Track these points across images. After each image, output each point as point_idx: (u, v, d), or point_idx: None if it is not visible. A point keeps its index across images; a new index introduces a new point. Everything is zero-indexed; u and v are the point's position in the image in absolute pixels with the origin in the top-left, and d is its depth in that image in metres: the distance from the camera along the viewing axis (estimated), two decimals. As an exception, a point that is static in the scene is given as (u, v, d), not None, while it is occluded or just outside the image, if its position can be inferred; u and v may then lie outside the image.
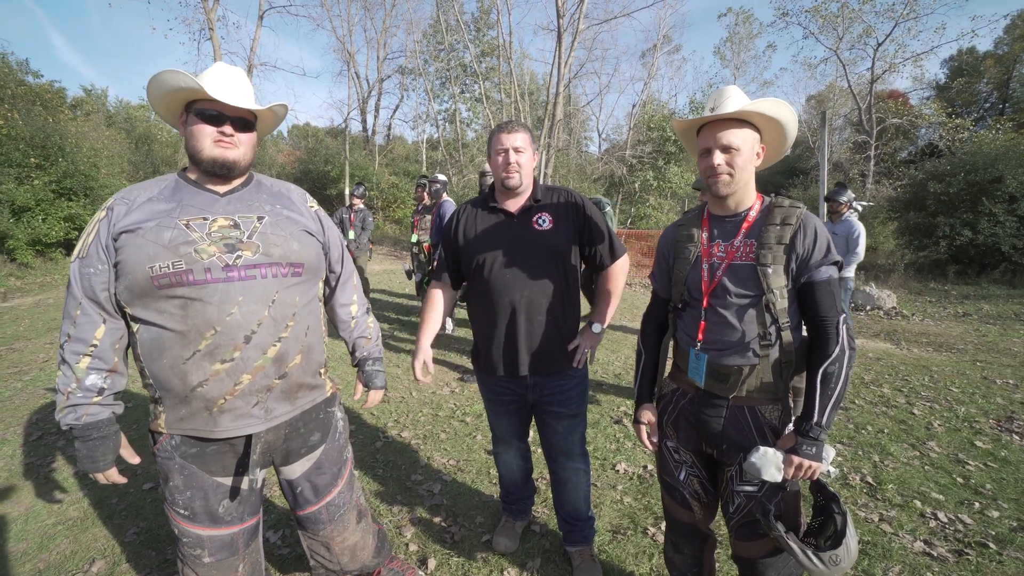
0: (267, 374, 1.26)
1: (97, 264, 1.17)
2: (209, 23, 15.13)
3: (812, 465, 1.19)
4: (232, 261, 1.19)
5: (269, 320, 1.24)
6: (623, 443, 3.07)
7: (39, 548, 2.11)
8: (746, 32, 26.25)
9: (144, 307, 1.17)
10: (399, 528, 2.25)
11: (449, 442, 3.10)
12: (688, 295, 1.37)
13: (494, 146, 1.69)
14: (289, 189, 1.45)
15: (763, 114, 1.24)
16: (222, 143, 1.23)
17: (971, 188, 10.54)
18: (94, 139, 12.50)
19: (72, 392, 1.17)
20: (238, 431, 1.24)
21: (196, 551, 1.30)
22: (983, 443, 3.06)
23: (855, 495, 2.50)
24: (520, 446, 2.00)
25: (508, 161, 1.65)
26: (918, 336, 6.15)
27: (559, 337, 1.73)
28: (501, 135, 1.67)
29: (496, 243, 1.72)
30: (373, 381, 1.64)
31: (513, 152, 1.65)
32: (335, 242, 1.52)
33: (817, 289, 1.21)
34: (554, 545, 2.10)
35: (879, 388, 4.15)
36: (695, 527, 1.48)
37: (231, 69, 1.28)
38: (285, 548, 2.10)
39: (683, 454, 1.44)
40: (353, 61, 21.92)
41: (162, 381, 1.20)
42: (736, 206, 1.31)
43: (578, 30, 15.51)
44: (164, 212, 1.19)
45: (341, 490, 1.54)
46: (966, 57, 25.15)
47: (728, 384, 1.29)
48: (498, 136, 1.68)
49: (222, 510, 1.30)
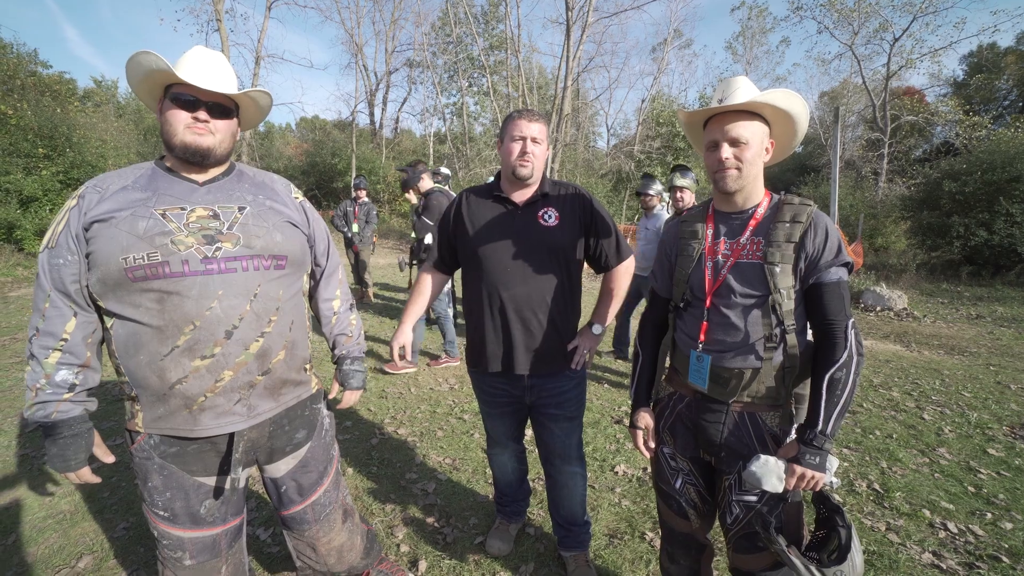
0: (249, 370, 1.21)
1: (67, 255, 1.12)
2: (217, 14, 15.17)
3: (815, 476, 1.13)
4: (211, 253, 1.15)
5: (251, 315, 1.19)
6: (623, 444, 3.01)
7: (28, 541, 2.09)
8: (759, 27, 25.88)
9: (118, 301, 1.12)
10: (391, 528, 2.21)
11: (446, 440, 3.06)
12: (690, 294, 1.31)
13: (511, 131, 1.60)
14: (273, 179, 1.40)
15: (773, 106, 1.18)
16: (195, 128, 1.17)
17: (988, 187, 10.36)
18: (103, 130, 12.58)
19: (41, 388, 1.13)
20: (220, 429, 1.20)
21: (177, 553, 1.26)
22: (996, 451, 2.97)
23: (861, 502, 2.43)
24: (515, 448, 1.95)
25: (524, 150, 1.58)
26: (929, 338, 6.02)
27: (558, 337, 1.67)
28: (520, 121, 1.59)
29: (497, 234, 1.65)
30: (349, 381, 1.58)
31: (531, 142, 1.58)
32: (321, 235, 1.47)
33: (826, 291, 1.15)
34: (548, 548, 2.05)
35: (888, 391, 4.05)
36: (692, 537, 1.43)
37: (211, 53, 1.23)
38: (275, 546, 2.08)
39: (680, 461, 1.38)
40: (361, 53, 21.94)
41: (139, 378, 1.16)
42: (744, 202, 1.25)
43: (587, 23, 15.37)
44: (139, 201, 1.14)
45: (327, 489, 1.50)
46: (986, 53, 24.57)
47: (728, 388, 1.24)
48: (517, 122, 1.59)
49: (204, 511, 1.26)
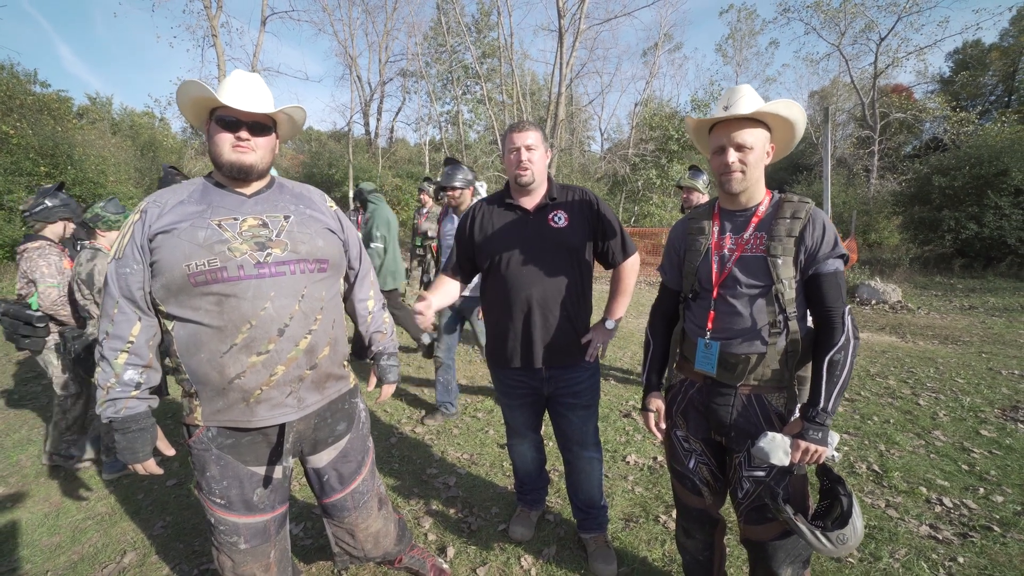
0: (299, 365, 1.32)
1: (133, 264, 1.23)
2: (212, 30, 15.29)
3: (818, 449, 1.25)
4: (263, 258, 1.26)
5: (300, 314, 1.30)
6: (632, 436, 3.12)
7: (72, 541, 2.19)
8: (748, 29, 26.27)
9: (179, 304, 1.23)
10: (417, 519, 2.31)
11: (462, 437, 3.17)
12: (699, 285, 1.43)
13: (507, 145, 1.77)
14: (310, 190, 1.52)
15: (777, 115, 1.30)
16: (239, 148, 1.28)
17: (976, 182, 10.54)
18: (100, 147, 12.63)
19: (112, 387, 1.24)
20: (274, 420, 1.31)
21: (232, 538, 1.36)
22: (988, 432, 3.10)
23: (862, 483, 2.55)
24: (534, 438, 2.06)
25: (520, 159, 1.72)
26: (924, 329, 6.17)
27: (573, 331, 1.79)
28: (513, 134, 1.75)
29: (513, 239, 1.78)
30: (387, 375, 1.69)
31: (525, 150, 1.72)
32: (353, 240, 1.59)
33: (824, 281, 1.27)
34: (568, 533, 2.17)
35: (885, 380, 4.18)
36: (706, 512, 1.53)
37: (248, 76, 1.33)
38: (308, 539, 2.18)
39: (692, 443, 1.49)
40: (355, 65, 22.11)
41: (199, 375, 1.27)
42: (747, 201, 1.37)
43: (579, 30, 15.57)
44: (196, 213, 1.26)
45: (365, 478, 1.60)
46: (971, 50, 24.96)
47: (736, 372, 1.35)
48: (510, 136, 1.76)
49: (256, 498, 1.37)
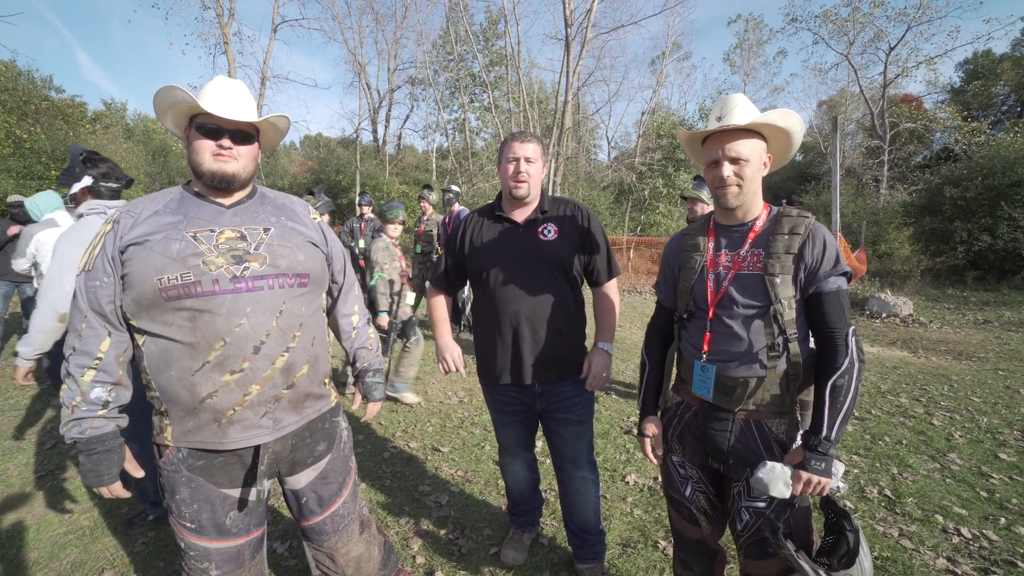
0: (275, 384, 1.26)
1: (103, 277, 1.17)
2: (224, 37, 15.51)
3: (821, 481, 1.16)
4: (240, 272, 1.20)
5: (277, 331, 1.24)
6: (633, 454, 3.02)
7: (50, 557, 2.13)
8: (756, 38, 26.21)
9: (151, 319, 1.18)
10: (406, 540, 2.23)
11: (457, 453, 3.08)
12: (694, 305, 1.36)
13: (506, 153, 1.70)
14: (293, 201, 1.46)
15: (773, 125, 1.23)
16: (221, 156, 1.23)
17: (989, 192, 10.38)
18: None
19: (77, 405, 1.17)
20: (247, 442, 1.24)
21: (203, 564, 1.29)
22: (1007, 455, 2.97)
23: (873, 509, 2.43)
24: (527, 456, 1.98)
25: (518, 170, 1.66)
26: (936, 344, 6.01)
27: (564, 345, 1.72)
28: (514, 143, 1.68)
29: (502, 252, 1.72)
30: (372, 393, 1.63)
31: (524, 162, 1.66)
32: (337, 253, 1.53)
33: (826, 300, 1.19)
34: (562, 558, 2.07)
35: (896, 398, 4.05)
36: (703, 543, 1.45)
37: (231, 82, 1.28)
38: (292, 559, 2.10)
39: (689, 469, 1.41)
40: (364, 72, 22.34)
41: (170, 393, 1.20)
42: (744, 216, 1.30)
43: (586, 39, 15.60)
44: (171, 224, 1.20)
45: (345, 500, 1.53)
46: (982, 60, 24.72)
47: (734, 397, 1.27)
48: (511, 144, 1.69)
49: (229, 522, 1.30)
